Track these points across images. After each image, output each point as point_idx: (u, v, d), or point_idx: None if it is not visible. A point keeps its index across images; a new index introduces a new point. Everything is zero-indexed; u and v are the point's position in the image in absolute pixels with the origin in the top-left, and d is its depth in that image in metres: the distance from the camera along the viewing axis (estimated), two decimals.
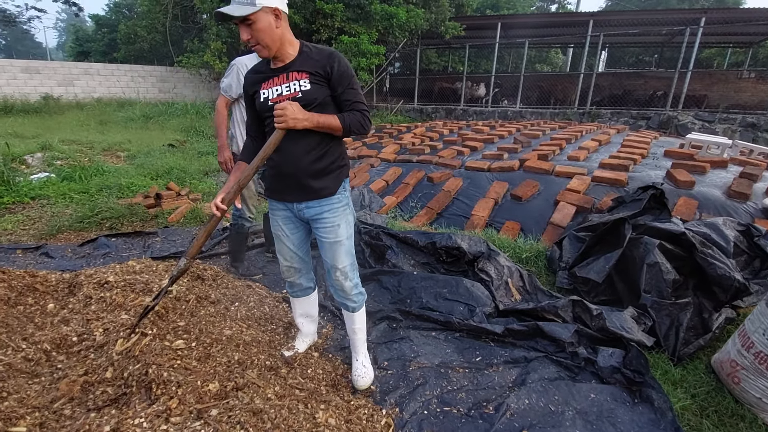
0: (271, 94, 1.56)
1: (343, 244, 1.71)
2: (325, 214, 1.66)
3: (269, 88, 1.57)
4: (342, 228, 1.69)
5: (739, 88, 12.18)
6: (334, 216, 1.67)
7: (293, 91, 1.53)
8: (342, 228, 1.69)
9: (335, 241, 1.68)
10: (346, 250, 1.72)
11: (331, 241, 1.68)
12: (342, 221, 1.69)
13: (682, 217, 3.07)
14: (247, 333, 2.03)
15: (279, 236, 1.80)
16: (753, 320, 1.81)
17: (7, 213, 3.91)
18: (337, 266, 1.71)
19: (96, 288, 2.10)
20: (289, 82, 1.54)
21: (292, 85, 1.53)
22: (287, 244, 1.80)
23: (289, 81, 1.54)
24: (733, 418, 1.71)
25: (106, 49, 19.01)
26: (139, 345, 1.64)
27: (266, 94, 1.57)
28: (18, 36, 39.68)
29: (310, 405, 1.63)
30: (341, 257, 1.71)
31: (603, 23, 11.60)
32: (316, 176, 1.61)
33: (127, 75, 14.03)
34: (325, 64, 1.54)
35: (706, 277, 2.21)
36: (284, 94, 1.54)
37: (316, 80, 1.54)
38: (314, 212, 1.67)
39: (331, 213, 1.67)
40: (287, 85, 1.54)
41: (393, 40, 11.63)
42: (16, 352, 1.66)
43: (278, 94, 1.55)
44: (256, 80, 1.61)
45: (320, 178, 1.62)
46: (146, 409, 1.38)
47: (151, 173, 5.34)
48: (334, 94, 1.58)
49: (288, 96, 1.53)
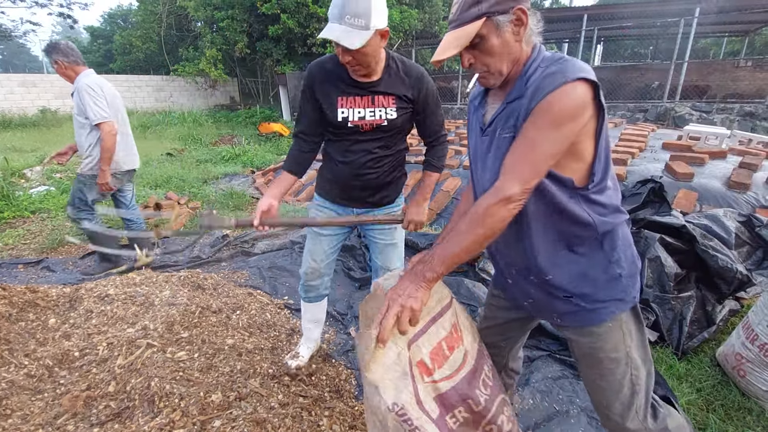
0: (352, 115, 1.47)
1: (398, 246, 1.74)
2: (384, 215, 1.68)
3: (350, 109, 1.47)
4: (398, 231, 1.72)
5: (736, 77, 12.14)
6: None
7: (378, 119, 1.48)
8: (398, 231, 1.72)
9: (391, 243, 1.71)
10: (399, 252, 1.76)
11: (387, 243, 1.71)
12: (398, 225, 1.72)
13: (683, 210, 3.05)
14: (249, 341, 2.03)
15: (319, 236, 1.71)
16: (757, 312, 1.80)
17: (8, 227, 3.91)
18: (389, 268, 1.73)
19: (97, 301, 2.10)
20: (375, 108, 1.47)
21: (378, 112, 1.47)
22: (324, 247, 1.73)
23: (375, 106, 1.47)
24: (740, 411, 1.70)
25: (102, 60, 19.08)
26: (141, 358, 1.63)
27: (346, 113, 1.47)
28: (14, 50, 39.84)
29: (314, 412, 1.62)
30: (394, 259, 1.74)
31: (597, 17, 11.59)
32: (382, 188, 1.62)
33: (123, 85, 14.06)
34: (414, 86, 1.48)
35: (708, 269, 2.20)
36: (367, 120, 1.48)
37: (402, 105, 1.50)
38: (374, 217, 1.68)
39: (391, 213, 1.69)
40: (372, 111, 1.47)
41: (388, 42, 11.64)
42: (18, 369, 1.66)
43: (360, 117, 1.47)
44: (332, 89, 1.48)
45: (385, 189, 1.64)
46: (149, 422, 1.38)
47: (150, 183, 5.35)
48: (417, 117, 1.57)
49: (372, 122, 1.48)
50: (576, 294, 1.00)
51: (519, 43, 0.93)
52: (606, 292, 0.99)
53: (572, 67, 0.85)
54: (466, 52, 0.95)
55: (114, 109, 2.73)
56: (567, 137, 0.86)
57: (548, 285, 1.02)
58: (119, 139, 2.77)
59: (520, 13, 0.89)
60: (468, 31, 0.90)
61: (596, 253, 0.99)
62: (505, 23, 0.89)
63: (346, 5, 1.25)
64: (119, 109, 2.84)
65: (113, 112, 2.71)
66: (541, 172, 0.87)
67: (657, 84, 11.32)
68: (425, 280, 0.92)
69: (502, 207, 0.88)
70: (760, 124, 9.05)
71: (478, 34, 0.90)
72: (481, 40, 0.91)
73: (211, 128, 11.13)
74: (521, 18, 0.90)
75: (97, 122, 2.59)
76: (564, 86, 0.83)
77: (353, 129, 1.49)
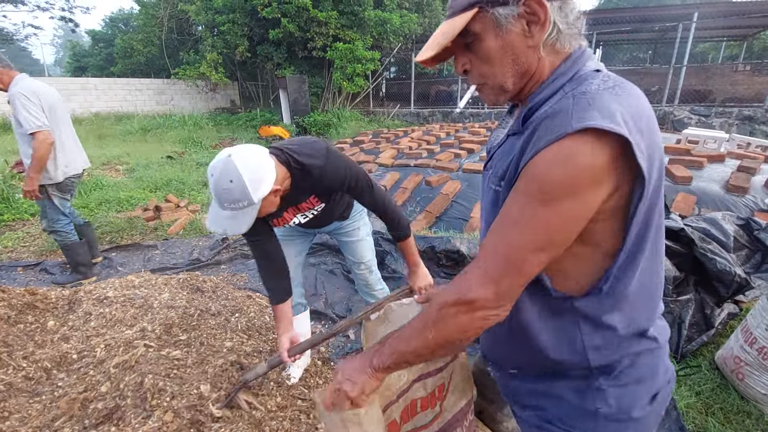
0: (289, 225, 1.62)
1: (365, 241, 1.85)
2: (345, 223, 1.79)
3: (284, 225, 1.58)
4: (361, 230, 1.83)
5: (735, 81, 12.19)
6: (352, 222, 1.81)
7: (312, 216, 1.60)
8: (361, 230, 1.83)
9: (357, 240, 1.82)
10: (367, 245, 1.86)
11: (353, 240, 1.82)
12: (360, 224, 1.83)
13: (681, 213, 3.06)
14: (248, 344, 2.02)
15: (285, 242, 1.74)
16: (755, 315, 1.80)
17: (8, 230, 3.92)
18: (361, 261, 1.84)
19: (95, 304, 2.10)
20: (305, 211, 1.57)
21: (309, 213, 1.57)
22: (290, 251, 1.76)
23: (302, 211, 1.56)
24: (739, 414, 1.69)
25: (103, 64, 19.13)
26: (136, 356, 1.63)
27: (281, 231, 1.66)
28: (16, 53, 39.97)
29: (312, 415, 1.62)
30: (364, 252, 1.85)
31: (596, 21, 11.65)
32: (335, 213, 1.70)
33: (124, 89, 14.10)
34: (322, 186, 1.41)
35: (706, 272, 2.20)
36: (303, 221, 1.60)
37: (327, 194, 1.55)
38: (334, 227, 1.80)
39: (350, 220, 1.80)
40: (303, 214, 1.59)
41: (387, 46, 11.70)
42: (17, 371, 1.65)
43: (297, 223, 1.60)
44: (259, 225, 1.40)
45: (340, 210, 1.72)
46: (143, 425, 1.37)
47: (150, 186, 5.36)
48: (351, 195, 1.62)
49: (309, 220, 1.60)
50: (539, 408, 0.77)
51: (533, 48, 0.63)
52: (567, 413, 0.73)
53: (586, 107, 0.54)
54: (460, 54, 0.69)
55: (53, 115, 2.63)
56: (566, 222, 0.57)
57: None
58: (70, 146, 2.76)
59: (536, 6, 0.60)
60: (455, 24, 0.64)
61: (572, 381, 0.72)
62: (509, 20, 0.61)
63: (221, 196, 1.15)
64: (59, 115, 2.72)
65: (52, 117, 2.61)
66: (522, 271, 0.59)
67: (656, 88, 11.36)
68: (371, 367, 0.72)
69: (462, 313, 0.62)
70: (758, 128, 9.07)
71: (470, 30, 0.64)
72: (475, 39, 0.65)
73: (212, 131, 11.15)
74: (536, 12, 0.61)
75: (31, 131, 2.48)
76: (560, 142, 0.54)
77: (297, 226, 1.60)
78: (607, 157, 0.53)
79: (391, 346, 0.71)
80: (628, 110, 0.55)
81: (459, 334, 0.63)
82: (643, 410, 0.70)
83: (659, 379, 0.72)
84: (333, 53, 10.40)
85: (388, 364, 0.71)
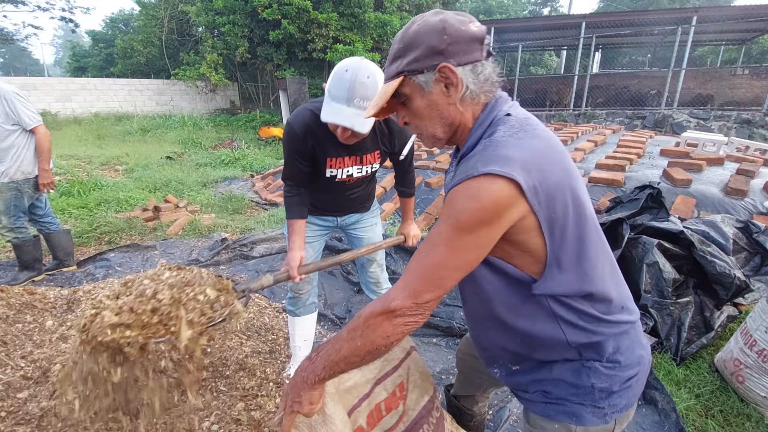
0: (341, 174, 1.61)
1: (379, 238, 1.87)
2: (365, 216, 1.85)
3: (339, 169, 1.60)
4: (377, 226, 1.89)
5: (734, 84, 12.25)
6: (371, 217, 1.86)
7: (365, 173, 1.65)
8: (377, 226, 1.89)
9: (373, 236, 1.85)
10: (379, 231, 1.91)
11: (370, 237, 1.85)
12: (377, 220, 1.89)
13: (680, 216, 3.06)
14: (247, 344, 2.02)
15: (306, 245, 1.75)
16: (755, 318, 1.80)
17: None
18: (375, 259, 1.88)
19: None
20: (363, 166, 1.62)
21: (365, 168, 1.63)
22: (309, 252, 1.77)
23: (363, 164, 1.62)
24: (739, 417, 1.69)
25: (103, 64, 19.15)
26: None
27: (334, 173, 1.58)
28: (16, 53, 39.99)
29: None
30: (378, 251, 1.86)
31: (595, 25, 11.70)
32: (364, 201, 1.80)
33: (124, 89, 14.11)
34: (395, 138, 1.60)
35: (706, 275, 2.21)
36: (355, 176, 1.62)
37: (384, 154, 1.65)
38: (355, 219, 1.83)
39: (369, 214, 1.86)
40: (359, 168, 1.62)
41: (388, 48, 11.72)
42: (15, 371, 1.65)
43: (348, 175, 1.60)
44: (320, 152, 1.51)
45: (367, 200, 1.82)
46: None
47: (149, 186, 5.36)
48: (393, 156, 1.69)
49: (359, 177, 1.64)
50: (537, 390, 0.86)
51: (453, 105, 0.77)
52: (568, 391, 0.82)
53: (491, 155, 0.67)
54: (400, 110, 0.83)
55: None
56: (479, 245, 0.69)
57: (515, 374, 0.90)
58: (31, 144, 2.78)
59: (448, 72, 0.73)
60: (387, 89, 0.78)
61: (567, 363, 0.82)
62: (430, 84, 0.75)
63: (355, 89, 1.19)
64: None
65: None
66: (440, 286, 0.70)
67: (655, 91, 11.41)
68: (308, 383, 0.79)
69: (386, 320, 0.71)
70: (757, 131, 9.11)
71: (401, 93, 0.78)
72: (407, 99, 0.79)
73: (211, 132, 11.16)
74: (449, 77, 0.74)
75: (34, 126, 2.62)
76: (469, 180, 0.66)
77: (340, 182, 1.60)
78: (505, 193, 0.65)
79: (323, 358, 0.78)
80: (529, 151, 0.68)
81: (383, 340, 0.72)
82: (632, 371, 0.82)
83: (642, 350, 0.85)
84: (333, 55, 10.41)
85: (322, 375, 0.78)
